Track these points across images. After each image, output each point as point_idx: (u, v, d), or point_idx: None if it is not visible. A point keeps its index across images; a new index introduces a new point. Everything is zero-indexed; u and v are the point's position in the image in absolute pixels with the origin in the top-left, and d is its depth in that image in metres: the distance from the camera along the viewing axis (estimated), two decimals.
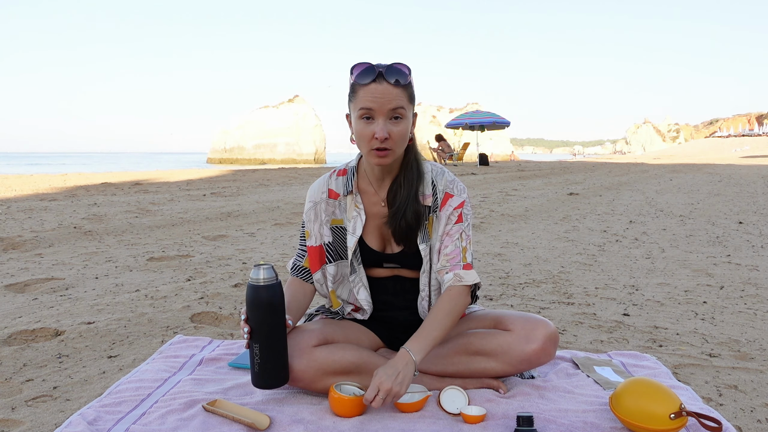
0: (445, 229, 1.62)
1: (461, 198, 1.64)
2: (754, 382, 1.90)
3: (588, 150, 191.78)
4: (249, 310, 1.44)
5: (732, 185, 11.13)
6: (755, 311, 2.75)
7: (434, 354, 1.65)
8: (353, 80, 1.49)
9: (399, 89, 1.47)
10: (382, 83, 1.46)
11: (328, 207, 1.66)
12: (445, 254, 1.60)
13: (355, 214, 1.64)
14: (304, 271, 1.68)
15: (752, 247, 4.54)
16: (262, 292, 1.43)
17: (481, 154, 19.15)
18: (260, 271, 1.43)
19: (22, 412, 1.64)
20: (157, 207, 6.70)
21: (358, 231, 1.63)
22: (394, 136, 1.48)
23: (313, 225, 1.66)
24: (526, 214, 6.66)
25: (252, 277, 1.43)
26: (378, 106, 1.46)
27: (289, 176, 12.41)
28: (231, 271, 3.48)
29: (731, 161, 26.71)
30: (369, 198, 1.65)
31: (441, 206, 1.62)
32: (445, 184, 1.64)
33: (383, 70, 1.47)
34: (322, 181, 1.68)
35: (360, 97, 1.48)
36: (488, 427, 1.42)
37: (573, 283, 3.29)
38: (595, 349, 2.19)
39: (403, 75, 1.47)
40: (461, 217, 1.63)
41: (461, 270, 1.59)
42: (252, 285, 1.43)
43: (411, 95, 1.52)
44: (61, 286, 3.10)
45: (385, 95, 1.46)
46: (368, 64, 1.48)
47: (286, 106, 46.61)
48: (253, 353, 1.44)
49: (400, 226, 1.58)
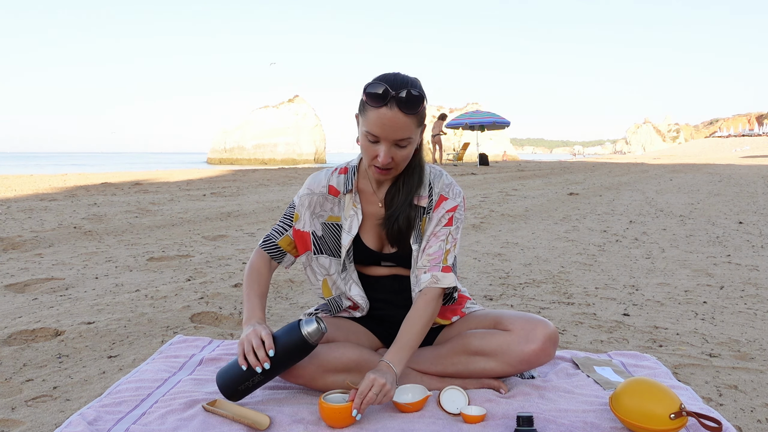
0: (434, 230, 1.62)
1: (455, 202, 1.64)
2: (754, 382, 1.90)
3: (588, 150, 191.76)
4: (283, 355, 1.43)
5: (732, 185, 11.13)
6: (755, 311, 2.75)
7: (434, 354, 1.66)
8: (365, 99, 1.45)
9: (409, 118, 1.44)
10: (393, 109, 1.42)
11: (326, 203, 1.67)
12: (428, 254, 1.61)
13: (352, 213, 1.64)
14: (276, 249, 1.69)
15: (752, 247, 4.54)
16: (309, 348, 1.44)
17: (481, 154, 19.15)
18: (314, 326, 1.42)
19: (22, 412, 1.64)
20: (157, 207, 6.70)
21: (353, 230, 1.64)
22: (397, 160, 1.50)
23: (305, 211, 1.67)
24: (526, 214, 6.66)
25: (307, 331, 1.41)
26: (384, 134, 1.44)
27: (289, 176, 12.41)
28: (231, 271, 3.48)
29: (731, 161, 26.70)
30: (367, 198, 1.66)
31: (434, 208, 1.63)
32: (442, 186, 1.64)
33: (396, 96, 1.41)
34: (324, 175, 1.68)
35: (369, 118, 1.45)
36: (488, 427, 1.42)
37: (573, 283, 3.29)
38: (595, 349, 2.19)
39: (414, 106, 1.44)
40: (451, 221, 1.63)
41: (439, 272, 1.59)
42: (303, 339, 1.42)
43: (421, 120, 1.50)
44: (61, 286, 3.10)
45: (393, 124, 1.43)
46: (383, 87, 1.42)
47: (286, 106, 46.62)
48: (247, 376, 1.45)
49: (393, 229, 1.59)
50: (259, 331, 1.46)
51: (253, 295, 1.60)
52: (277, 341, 1.44)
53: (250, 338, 1.44)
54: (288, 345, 1.43)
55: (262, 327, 1.48)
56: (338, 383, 1.56)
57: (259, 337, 1.44)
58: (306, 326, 1.43)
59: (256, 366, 1.42)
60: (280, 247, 1.69)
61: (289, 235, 1.69)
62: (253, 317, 1.55)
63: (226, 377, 1.50)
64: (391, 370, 1.45)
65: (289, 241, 1.69)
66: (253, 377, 1.45)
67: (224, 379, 1.50)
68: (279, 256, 1.70)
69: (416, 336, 1.53)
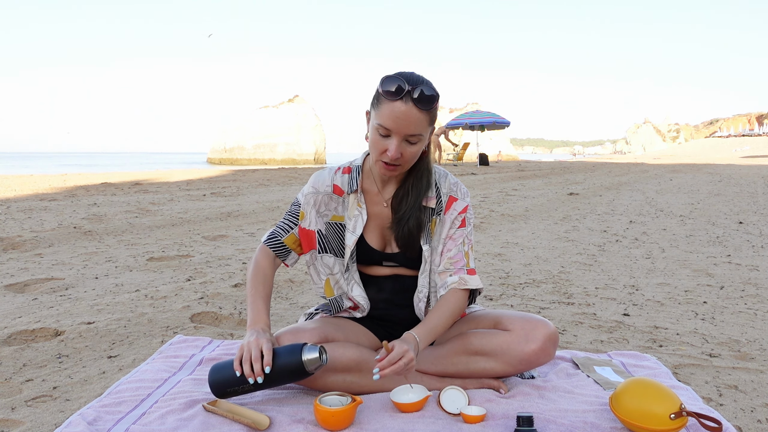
0: (449, 233, 1.64)
1: (465, 202, 1.66)
2: (755, 382, 1.89)
3: (588, 150, 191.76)
4: (277, 373, 1.43)
5: (732, 185, 11.13)
6: (755, 311, 2.75)
7: (434, 354, 1.65)
8: (380, 91, 1.47)
9: (423, 114, 1.46)
10: (407, 103, 1.43)
11: (330, 202, 1.67)
12: (448, 257, 1.63)
13: (356, 212, 1.64)
14: (282, 247, 1.69)
15: (752, 247, 4.54)
16: (305, 375, 1.45)
17: (481, 154, 19.16)
18: (314, 356, 1.43)
19: (22, 412, 1.64)
20: (157, 207, 6.70)
21: (358, 230, 1.63)
22: (406, 156, 1.50)
23: (311, 210, 1.66)
24: (526, 214, 6.66)
25: (307, 358, 1.43)
26: (396, 127, 1.45)
27: (289, 176, 12.41)
28: (231, 271, 3.47)
29: (731, 161, 26.71)
30: (372, 198, 1.66)
31: (446, 209, 1.64)
32: (449, 187, 1.66)
33: (412, 91, 1.43)
34: (328, 174, 1.68)
35: (382, 111, 1.46)
36: (488, 427, 1.42)
37: (573, 283, 3.29)
38: (595, 349, 2.19)
39: (428, 102, 1.45)
40: (464, 222, 1.66)
41: (466, 274, 1.63)
42: (301, 365, 1.43)
43: (433, 118, 1.51)
44: (61, 286, 3.10)
45: (407, 118, 1.44)
46: (400, 80, 1.44)
47: (286, 106, 46.58)
48: (239, 382, 1.46)
49: (403, 232, 1.60)
50: (262, 342, 1.45)
51: (258, 297, 1.59)
52: (275, 358, 1.44)
53: (251, 348, 1.43)
54: (285, 366, 1.43)
55: (266, 338, 1.47)
56: (338, 383, 1.56)
57: (260, 350, 1.43)
58: (307, 353, 1.43)
59: (250, 377, 1.42)
60: (285, 245, 1.69)
61: (294, 233, 1.68)
62: (258, 322, 1.54)
63: (218, 375, 1.50)
64: (417, 346, 1.47)
65: (294, 239, 1.69)
66: (244, 385, 1.46)
67: (216, 377, 1.50)
68: (284, 254, 1.70)
69: (443, 322, 1.56)
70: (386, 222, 1.64)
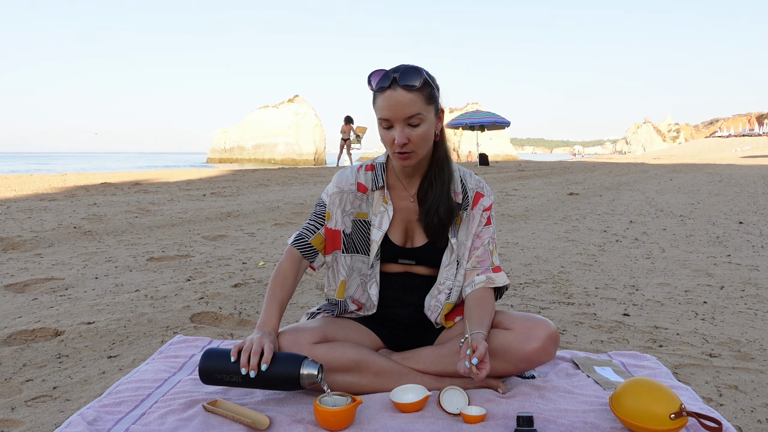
0: (476, 230, 1.69)
1: (490, 200, 1.73)
2: (755, 382, 1.89)
3: (588, 150, 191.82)
4: (271, 376, 1.43)
5: (732, 185, 11.13)
6: (755, 311, 2.75)
7: (434, 354, 1.65)
8: (371, 88, 1.54)
9: (413, 94, 1.49)
10: (396, 89, 1.48)
11: (355, 200, 1.68)
12: (475, 256, 1.68)
13: (382, 209, 1.66)
14: (309, 248, 1.69)
15: (752, 247, 4.54)
16: (297, 387, 1.45)
17: (481, 154, 19.15)
18: (312, 372, 1.43)
19: (22, 412, 1.64)
20: (157, 207, 6.70)
21: (384, 225, 1.65)
22: (414, 140, 1.52)
23: (336, 210, 1.68)
24: (526, 214, 6.66)
25: (303, 371, 1.43)
26: (393, 114, 1.49)
27: (289, 176, 12.40)
28: (231, 271, 3.47)
29: (731, 161, 26.70)
30: (397, 193, 1.68)
31: (473, 205, 1.69)
32: (475, 183, 1.72)
33: (396, 75, 1.49)
34: (351, 173, 1.70)
35: (378, 105, 1.52)
36: (488, 427, 1.42)
37: (573, 283, 3.29)
38: (595, 349, 2.19)
39: (413, 79, 1.48)
40: (489, 220, 1.71)
41: (492, 273, 1.68)
42: (296, 376, 1.43)
43: (429, 96, 1.53)
44: (61, 286, 3.10)
45: (399, 102, 1.48)
46: (382, 71, 1.51)
47: (286, 106, 46.58)
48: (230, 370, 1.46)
49: (433, 222, 1.63)
50: (265, 342, 1.46)
51: (273, 300, 1.60)
52: (274, 361, 1.44)
53: (253, 342, 1.45)
54: (280, 372, 1.44)
55: (270, 340, 1.48)
56: (338, 383, 1.56)
57: (261, 347, 1.44)
58: (306, 367, 1.44)
59: (243, 367, 1.42)
60: (313, 246, 1.69)
61: (321, 233, 1.70)
62: (267, 324, 1.55)
63: (211, 358, 1.49)
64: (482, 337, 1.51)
65: (321, 239, 1.70)
66: (234, 375, 1.45)
67: (209, 359, 1.49)
68: (312, 255, 1.70)
69: (487, 320, 1.58)
70: (412, 216, 1.67)
